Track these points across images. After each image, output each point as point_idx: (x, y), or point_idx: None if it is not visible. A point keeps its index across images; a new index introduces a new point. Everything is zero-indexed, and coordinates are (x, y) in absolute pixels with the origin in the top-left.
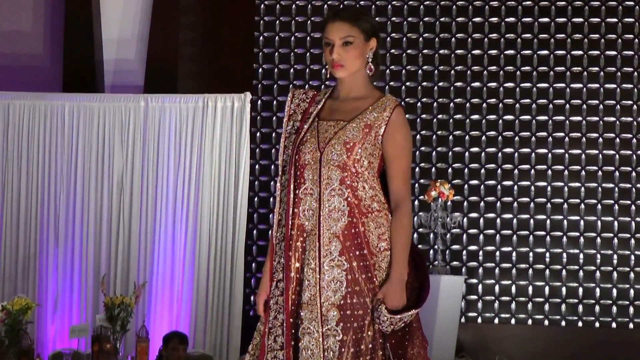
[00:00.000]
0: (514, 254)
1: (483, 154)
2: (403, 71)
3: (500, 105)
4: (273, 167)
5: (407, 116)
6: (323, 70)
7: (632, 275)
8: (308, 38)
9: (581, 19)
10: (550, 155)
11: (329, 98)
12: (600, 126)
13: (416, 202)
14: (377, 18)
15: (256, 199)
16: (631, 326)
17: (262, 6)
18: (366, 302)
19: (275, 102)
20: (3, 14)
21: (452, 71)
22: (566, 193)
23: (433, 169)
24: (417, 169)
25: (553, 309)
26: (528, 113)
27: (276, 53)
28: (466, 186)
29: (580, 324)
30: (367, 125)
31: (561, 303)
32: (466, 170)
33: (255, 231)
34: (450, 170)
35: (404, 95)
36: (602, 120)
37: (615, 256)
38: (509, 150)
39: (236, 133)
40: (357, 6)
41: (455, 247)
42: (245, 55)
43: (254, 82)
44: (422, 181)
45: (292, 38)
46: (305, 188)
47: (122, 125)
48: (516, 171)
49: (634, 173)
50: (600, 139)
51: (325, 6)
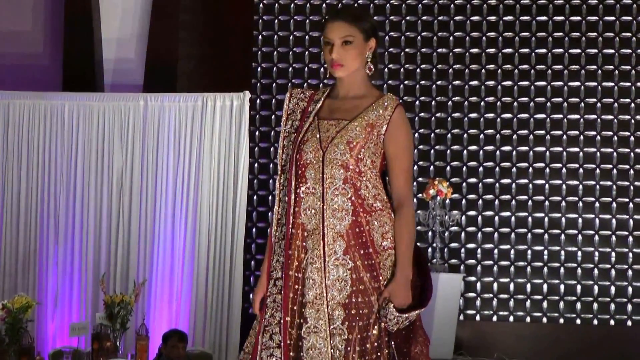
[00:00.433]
0: (512, 252)
1: (481, 152)
2: (401, 69)
3: (498, 103)
4: (272, 166)
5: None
6: (322, 69)
7: (630, 272)
8: (307, 37)
9: (579, 17)
10: (548, 153)
11: (328, 97)
12: (598, 124)
13: (414, 200)
14: (375, 17)
15: (255, 197)
16: (629, 323)
17: (261, 5)
18: (371, 301)
19: (274, 101)
20: (3, 14)
21: (450, 69)
22: (564, 191)
23: (431, 167)
24: (416, 167)
25: (551, 307)
26: (526, 111)
27: (275, 52)
28: (464, 184)
29: (578, 322)
30: (370, 124)
31: (559, 300)
32: (464, 168)
33: (254, 229)
34: (448, 168)
35: (402, 93)
36: (600, 118)
37: (613, 254)
38: (507, 148)
39: (235, 131)
40: (356, 5)
41: (453, 245)
42: (244, 54)
43: (253, 81)
44: (421, 179)
45: (291, 37)
46: (307, 187)
47: (122, 124)
48: (514, 169)
49: (632, 171)
50: (598, 137)
51: (323, 5)
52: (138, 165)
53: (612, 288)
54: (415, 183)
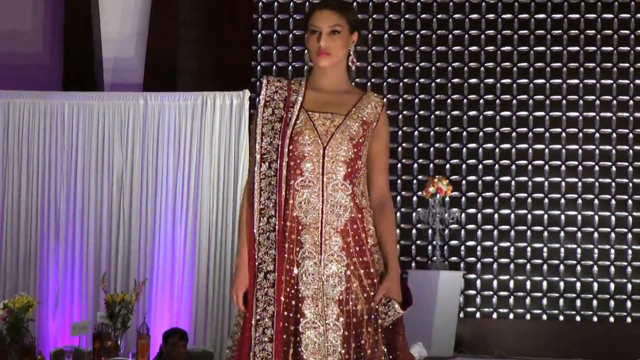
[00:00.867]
0: (512, 249)
1: (480, 150)
2: (400, 67)
3: (497, 101)
4: None
5: (405, 112)
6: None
7: (630, 269)
8: (306, 36)
9: (577, 15)
10: (547, 150)
11: (308, 89)
12: (596, 121)
13: (414, 198)
14: (374, 15)
15: None
16: (629, 320)
17: (260, 4)
18: (365, 298)
19: None
20: (3, 13)
21: (449, 67)
22: (563, 188)
23: (431, 165)
24: (415, 165)
25: (551, 304)
26: (525, 109)
27: (274, 50)
28: (464, 182)
29: (578, 319)
30: (364, 121)
31: (559, 298)
32: (464, 166)
33: None
34: (447, 166)
35: (402, 91)
36: (599, 115)
37: (612, 251)
38: (507, 146)
39: (235, 130)
40: (355, 4)
41: (453, 243)
42: (243, 52)
43: (253, 80)
44: (420, 177)
45: (290, 35)
46: (303, 180)
47: (122, 123)
48: (513, 167)
49: (631, 168)
50: (596, 134)
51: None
52: (138, 164)
53: (612, 285)
54: (414, 181)
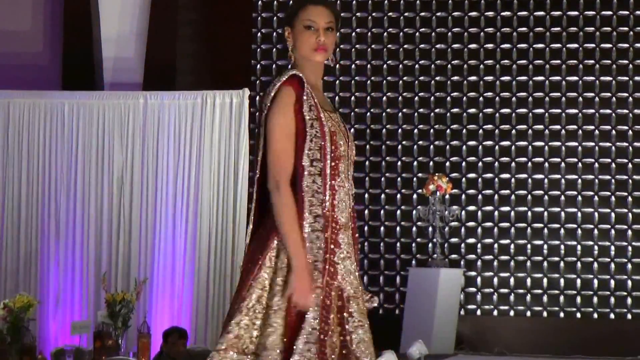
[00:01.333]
0: (512, 246)
1: (480, 147)
2: (400, 66)
3: (496, 98)
4: None
5: (404, 110)
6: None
7: (630, 266)
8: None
9: (576, 12)
10: (546, 147)
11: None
12: (596, 118)
13: (414, 196)
14: (374, 13)
15: None
16: (629, 317)
17: (260, 3)
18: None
19: None
20: (3, 13)
21: (449, 65)
22: (563, 185)
23: (431, 163)
24: (415, 163)
25: (551, 301)
26: (524, 106)
27: (274, 49)
28: (464, 179)
29: (578, 315)
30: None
31: (559, 294)
32: (463, 163)
33: None
34: (447, 163)
35: (402, 89)
36: (598, 112)
37: (612, 247)
38: (506, 143)
39: (235, 129)
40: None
41: (453, 240)
42: (243, 51)
43: (252, 79)
44: (420, 175)
45: None
46: (340, 180)
47: (122, 122)
48: (513, 164)
49: (630, 164)
50: (596, 131)
51: None
52: (138, 163)
53: (612, 281)
54: (415, 179)
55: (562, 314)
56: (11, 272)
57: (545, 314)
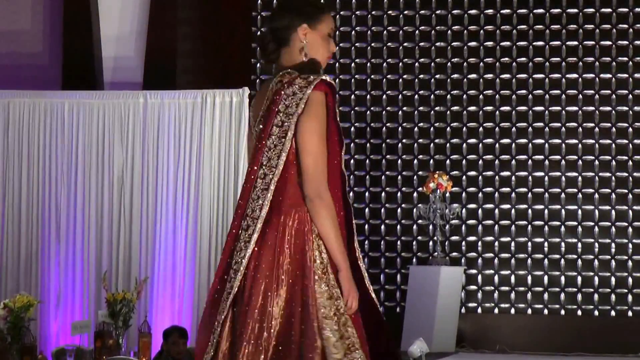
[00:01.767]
0: (513, 244)
1: (480, 145)
2: (400, 64)
3: (496, 96)
4: None
5: (404, 109)
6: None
7: (630, 263)
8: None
9: (576, 10)
10: (547, 145)
11: None
12: (596, 116)
13: (415, 194)
14: (374, 11)
15: None
16: (630, 314)
17: (259, 1)
18: None
19: None
20: (2, 13)
21: (449, 63)
22: (563, 182)
23: (431, 161)
24: (415, 161)
25: (552, 298)
26: (524, 104)
27: None
28: (464, 177)
29: (579, 313)
30: None
31: (560, 292)
32: (464, 161)
33: None
34: (448, 161)
35: (401, 87)
36: (598, 110)
37: (613, 245)
38: (506, 141)
39: (235, 128)
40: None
41: (454, 238)
42: (243, 50)
43: (252, 77)
44: (421, 173)
45: None
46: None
47: (122, 121)
48: (513, 162)
49: (631, 162)
50: (596, 129)
51: (321, 1)
52: (138, 162)
53: (613, 279)
54: (415, 177)
55: (563, 312)
56: (11, 272)
57: (546, 312)
